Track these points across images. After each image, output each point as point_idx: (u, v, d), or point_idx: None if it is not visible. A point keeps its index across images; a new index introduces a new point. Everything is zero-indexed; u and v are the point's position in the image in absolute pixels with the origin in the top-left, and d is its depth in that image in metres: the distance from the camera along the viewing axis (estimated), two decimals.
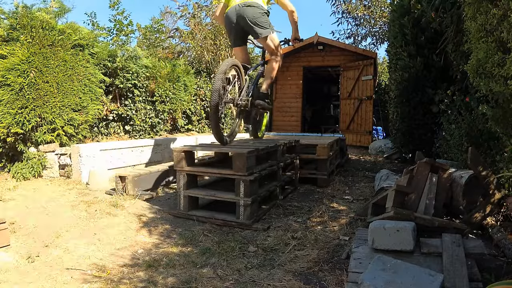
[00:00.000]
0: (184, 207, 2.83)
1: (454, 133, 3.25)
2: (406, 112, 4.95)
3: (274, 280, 1.80)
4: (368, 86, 8.45)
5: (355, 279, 1.56)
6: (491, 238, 2.10)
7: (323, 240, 2.33)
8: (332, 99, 12.50)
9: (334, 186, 3.90)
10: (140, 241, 2.35)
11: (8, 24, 3.83)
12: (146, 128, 5.84)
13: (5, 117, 3.61)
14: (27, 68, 3.73)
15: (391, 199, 2.13)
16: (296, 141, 3.97)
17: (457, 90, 3.77)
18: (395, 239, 1.72)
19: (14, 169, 3.81)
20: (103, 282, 1.77)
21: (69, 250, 2.15)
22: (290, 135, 6.60)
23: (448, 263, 1.54)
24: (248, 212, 2.58)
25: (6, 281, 1.75)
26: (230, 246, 2.21)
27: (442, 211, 2.27)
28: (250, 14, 3.07)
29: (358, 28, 11.70)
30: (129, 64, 5.48)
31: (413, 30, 4.69)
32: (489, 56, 1.79)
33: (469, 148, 2.23)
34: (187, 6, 8.63)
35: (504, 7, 1.66)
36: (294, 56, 9.62)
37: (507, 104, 1.82)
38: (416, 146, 4.81)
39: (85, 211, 2.91)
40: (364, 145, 8.33)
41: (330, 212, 2.94)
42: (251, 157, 2.63)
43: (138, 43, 10.42)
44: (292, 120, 9.82)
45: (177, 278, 1.82)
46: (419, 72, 4.62)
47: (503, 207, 2.24)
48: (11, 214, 2.75)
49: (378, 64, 10.43)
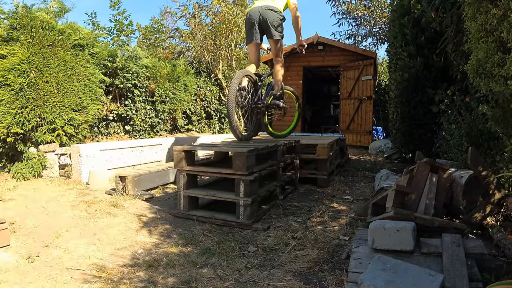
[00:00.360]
0: (184, 207, 2.83)
1: (454, 133, 3.25)
2: (406, 112, 4.95)
3: (274, 280, 1.80)
4: (368, 86, 8.45)
5: (355, 279, 1.56)
6: (491, 238, 2.10)
7: (323, 240, 2.33)
8: (332, 99, 12.49)
9: (334, 186, 3.90)
10: (140, 241, 2.35)
11: (8, 24, 3.84)
12: (146, 128, 5.84)
13: (5, 117, 3.61)
14: (27, 68, 3.73)
15: (391, 199, 2.13)
16: (296, 141, 3.97)
17: (457, 90, 3.77)
18: (395, 239, 1.72)
19: (14, 169, 3.81)
20: (103, 282, 1.77)
21: (69, 250, 2.15)
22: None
23: (448, 263, 1.54)
24: (248, 212, 2.58)
25: (6, 281, 1.75)
26: (230, 246, 2.21)
27: (442, 211, 2.27)
28: (271, 17, 3.54)
29: (359, 29, 11.69)
30: (129, 64, 5.48)
31: (413, 30, 4.69)
32: (489, 56, 1.78)
33: (469, 148, 2.23)
34: (187, 6, 8.64)
35: (504, 7, 1.66)
36: (294, 56, 9.60)
37: (507, 104, 1.82)
38: (416, 146, 4.81)
39: (85, 211, 2.91)
40: (364, 145, 8.32)
41: (330, 212, 2.94)
42: (251, 156, 2.63)
43: (138, 43, 10.43)
44: (292, 120, 9.81)
45: (177, 278, 1.82)
46: (419, 72, 4.62)
47: (503, 207, 2.24)
48: (11, 214, 2.75)
49: (378, 64, 10.43)
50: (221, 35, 8.18)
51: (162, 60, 6.65)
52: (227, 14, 7.93)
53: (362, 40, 11.79)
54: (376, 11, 10.98)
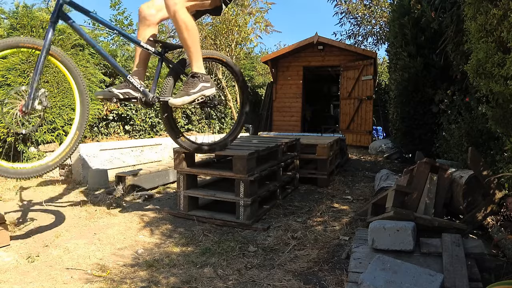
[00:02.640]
0: (184, 207, 2.83)
1: (454, 133, 3.25)
2: (406, 112, 4.95)
3: (274, 280, 1.80)
4: (368, 86, 8.45)
5: (355, 279, 1.56)
6: (491, 238, 2.10)
7: (323, 240, 2.33)
8: (332, 99, 12.49)
9: (334, 186, 3.90)
10: (141, 241, 2.35)
11: (9, 24, 3.84)
12: (146, 128, 5.84)
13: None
14: (27, 68, 3.73)
15: (391, 199, 2.13)
16: (297, 140, 3.97)
17: (457, 90, 3.77)
18: (395, 239, 1.72)
19: None
20: (103, 282, 1.77)
21: (69, 250, 2.15)
22: (290, 135, 6.60)
23: (448, 263, 1.54)
24: (248, 212, 2.58)
25: (6, 281, 1.75)
26: (230, 246, 2.21)
27: (442, 211, 2.28)
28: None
29: (360, 29, 11.67)
30: (129, 64, 5.48)
31: (413, 30, 4.69)
32: (489, 56, 1.78)
33: (469, 148, 2.23)
34: None
35: (504, 7, 1.66)
36: (294, 56, 9.62)
37: (507, 104, 1.82)
38: (416, 146, 4.81)
39: (85, 211, 2.91)
40: (364, 145, 8.33)
41: (330, 212, 2.94)
42: (251, 159, 2.63)
43: None
44: (292, 120, 9.82)
45: (178, 277, 1.82)
46: (419, 72, 4.62)
47: (503, 207, 2.24)
48: (11, 214, 2.75)
49: (378, 64, 10.43)
50: (221, 35, 8.19)
51: None
52: (227, 14, 7.94)
53: (363, 40, 11.77)
54: (377, 11, 10.97)
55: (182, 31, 2.14)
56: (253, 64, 12.70)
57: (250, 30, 8.52)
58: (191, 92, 2.21)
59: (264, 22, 8.66)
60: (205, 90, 2.26)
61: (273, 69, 9.79)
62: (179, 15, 2.08)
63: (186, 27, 2.12)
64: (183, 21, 2.10)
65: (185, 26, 2.12)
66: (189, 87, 2.22)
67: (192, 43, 2.19)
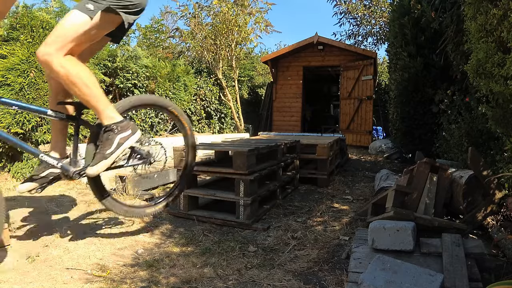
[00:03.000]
0: (184, 207, 2.83)
1: (454, 133, 3.25)
2: (406, 112, 4.95)
3: (274, 280, 1.80)
4: (368, 86, 8.46)
5: (355, 279, 1.56)
6: (491, 238, 2.10)
7: (323, 240, 2.33)
8: (332, 99, 12.50)
9: (334, 186, 3.90)
10: (141, 241, 2.35)
11: (8, 24, 3.84)
12: (146, 127, 5.84)
13: (5, 117, 3.61)
14: (27, 68, 3.73)
15: (391, 199, 2.13)
16: (297, 141, 3.97)
17: (457, 90, 3.77)
18: (395, 239, 1.72)
19: (14, 169, 3.80)
20: (103, 281, 1.77)
21: (69, 250, 2.14)
22: (290, 135, 6.61)
23: (448, 263, 1.54)
24: (248, 212, 2.58)
25: (6, 281, 1.75)
26: (230, 246, 2.21)
27: (442, 211, 2.28)
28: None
29: (360, 29, 11.67)
30: (129, 64, 5.48)
31: (413, 30, 4.69)
32: (489, 56, 1.79)
33: (469, 148, 2.23)
34: (187, 6, 8.64)
35: (504, 7, 1.66)
36: (294, 56, 9.62)
37: (507, 104, 1.82)
38: (416, 146, 4.81)
39: (85, 210, 2.91)
40: (364, 145, 8.33)
41: (330, 212, 2.94)
42: (251, 155, 2.63)
43: (138, 43, 10.42)
44: (292, 120, 9.82)
45: (178, 277, 1.82)
46: (419, 72, 4.62)
47: (503, 207, 2.24)
48: (11, 214, 2.75)
49: (378, 64, 10.43)
50: (221, 35, 8.19)
51: (162, 60, 6.65)
52: (227, 14, 7.94)
53: (363, 40, 11.77)
54: (376, 11, 10.97)
55: (68, 85, 1.69)
56: (253, 64, 12.70)
57: (250, 30, 8.52)
58: (107, 154, 1.81)
59: (264, 22, 8.67)
60: (126, 142, 1.86)
61: (273, 69, 9.79)
62: (55, 66, 1.63)
63: (71, 77, 1.66)
64: (64, 72, 1.65)
65: (68, 76, 1.65)
66: (104, 148, 1.82)
67: (89, 93, 1.72)
